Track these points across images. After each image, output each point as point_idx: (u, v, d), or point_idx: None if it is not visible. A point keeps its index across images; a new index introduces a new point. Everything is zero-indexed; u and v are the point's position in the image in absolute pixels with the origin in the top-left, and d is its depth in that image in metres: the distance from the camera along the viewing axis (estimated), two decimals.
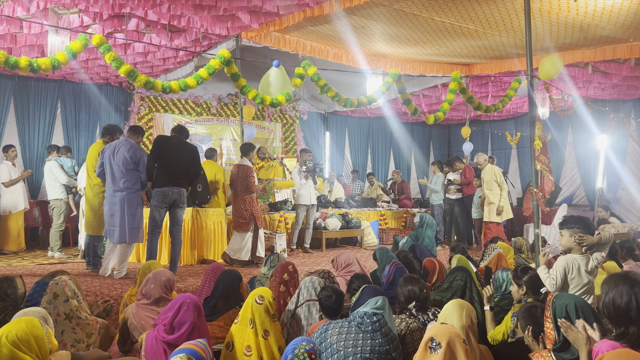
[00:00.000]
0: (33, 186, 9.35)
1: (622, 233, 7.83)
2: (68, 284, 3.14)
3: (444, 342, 2.18)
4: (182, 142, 5.86)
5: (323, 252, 8.17)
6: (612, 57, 7.74)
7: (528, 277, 3.48)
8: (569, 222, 3.54)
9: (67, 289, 3.10)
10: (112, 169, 5.42)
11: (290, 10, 6.20)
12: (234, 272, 3.81)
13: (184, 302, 2.90)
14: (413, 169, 14.93)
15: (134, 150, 5.41)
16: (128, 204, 5.39)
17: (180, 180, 5.69)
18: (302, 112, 12.65)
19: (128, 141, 5.50)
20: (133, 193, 5.44)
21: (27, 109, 9.45)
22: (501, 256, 5.54)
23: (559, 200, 11.61)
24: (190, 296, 2.97)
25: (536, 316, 2.86)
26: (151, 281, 3.54)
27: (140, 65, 8.60)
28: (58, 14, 6.22)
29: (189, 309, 2.85)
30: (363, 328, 2.67)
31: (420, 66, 9.08)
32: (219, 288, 3.69)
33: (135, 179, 5.47)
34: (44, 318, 2.51)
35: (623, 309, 2.17)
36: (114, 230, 5.41)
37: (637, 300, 2.14)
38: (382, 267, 4.75)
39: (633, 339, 2.12)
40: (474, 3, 6.12)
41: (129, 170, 5.39)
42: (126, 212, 5.38)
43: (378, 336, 2.64)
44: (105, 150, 5.53)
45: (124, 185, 5.38)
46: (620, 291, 2.20)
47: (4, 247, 7.72)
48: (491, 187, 8.24)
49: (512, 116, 13.59)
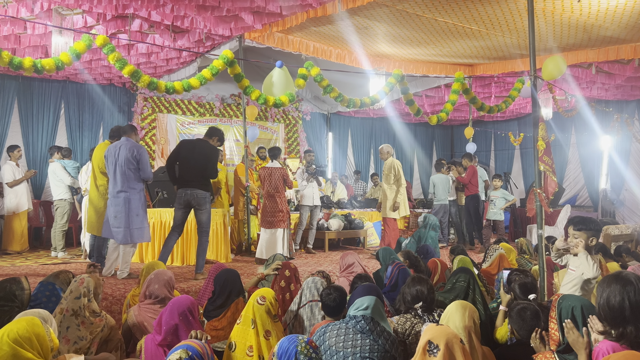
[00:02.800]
0: (36, 186, 9.38)
1: (625, 234, 7.81)
2: (85, 282, 3.17)
3: (442, 344, 2.18)
4: (201, 145, 5.83)
5: (326, 253, 8.17)
6: (615, 57, 7.71)
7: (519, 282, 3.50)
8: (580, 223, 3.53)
9: (82, 287, 3.13)
10: (115, 170, 5.44)
11: (293, 10, 6.20)
12: (231, 270, 3.83)
13: (171, 305, 2.94)
14: (416, 169, 14.92)
15: (135, 149, 5.43)
16: (131, 205, 5.40)
17: (191, 182, 5.69)
18: (305, 112, 12.66)
19: (129, 141, 5.52)
20: (136, 193, 5.45)
21: (30, 110, 9.48)
22: (503, 257, 5.53)
23: (563, 201, 11.59)
24: (181, 299, 3.01)
25: (527, 318, 2.86)
26: (154, 281, 3.56)
27: (144, 65, 8.62)
28: (62, 14, 6.24)
29: (174, 312, 2.89)
30: (359, 329, 2.67)
31: (423, 67, 9.08)
32: (218, 286, 3.70)
33: (138, 179, 5.48)
34: (44, 319, 2.53)
35: (617, 309, 2.17)
36: (118, 231, 5.41)
37: (630, 299, 2.14)
38: (385, 267, 4.75)
39: (631, 338, 2.12)
40: (477, 4, 6.11)
41: (131, 169, 5.41)
42: (130, 212, 5.39)
43: (374, 336, 2.65)
44: (108, 152, 5.55)
45: (126, 186, 5.40)
46: (613, 291, 2.21)
47: (7, 247, 7.75)
48: (389, 181, 7.89)
49: (516, 117, 13.57)
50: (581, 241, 3.35)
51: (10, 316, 2.96)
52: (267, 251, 6.99)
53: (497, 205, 9.19)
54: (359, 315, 2.73)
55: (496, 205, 9.19)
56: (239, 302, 3.57)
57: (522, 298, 3.44)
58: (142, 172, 5.49)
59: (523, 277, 3.56)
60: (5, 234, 7.84)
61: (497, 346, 3.17)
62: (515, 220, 11.62)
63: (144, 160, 5.49)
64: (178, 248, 6.73)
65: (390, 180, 7.88)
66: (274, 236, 7.11)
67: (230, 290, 3.64)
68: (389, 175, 7.89)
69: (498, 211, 9.17)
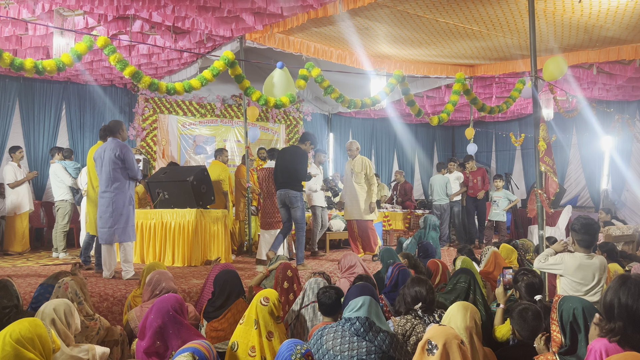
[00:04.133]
0: (38, 187, 9.39)
1: (626, 235, 7.79)
2: (70, 286, 3.15)
3: (440, 344, 2.18)
4: (292, 150, 6.70)
5: (327, 253, 8.17)
6: (616, 58, 7.71)
7: (526, 282, 3.49)
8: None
9: (68, 292, 3.11)
10: (101, 172, 5.48)
11: (294, 11, 6.20)
12: (231, 271, 3.83)
13: (156, 304, 2.92)
14: (417, 170, 14.91)
15: (118, 149, 5.41)
16: (116, 204, 5.41)
17: (284, 183, 6.51)
18: (305, 113, 12.66)
19: (114, 141, 5.50)
20: (121, 193, 5.45)
21: (32, 110, 9.50)
22: (497, 254, 5.50)
23: (564, 202, 11.57)
24: (165, 298, 2.98)
25: (528, 319, 2.86)
26: (162, 279, 3.61)
27: (145, 66, 8.63)
28: (63, 15, 6.25)
29: (159, 312, 2.86)
30: (354, 331, 2.67)
31: (424, 67, 9.07)
32: (217, 287, 3.70)
33: (125, 178, 5.48)
34: (70, 309, 2.64)
35: (608, 306, 2.21)
36: (102, 231, 5.44)
37: (619, 298, 2.17)
38: (386, 268, 4.75)
39: (620, 333, 2.15)
40: (478, 4, 6.11)
41: (117, 170, 5.41)
42: (114, 212, 5.41)
43: (370, 337, 2.64)
44: (96, 153, 5.59)
45: (111, 187, 5.41)
46: (611, 290, 2.25)
47: (9, 247, 7.76)
48: (360, 180, 7.32)
49: (517, 117, 13.56)
50: None
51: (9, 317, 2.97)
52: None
53: (499, 206, 9.18)
54: (354, 317, 2.72)
55: (499, 206, 9.18)
56: (239, 303, 3.58)
57: (527, 298, 3.43)
58: (129, 171, 5.50)
59: (530, 277, 3.53)
60: (7, 234, 7.85)
61: (497, 346, 3.17)
62: (517, 221, 11.61)
63: (129, 158, 5.48)
64: (179, 249, 6.73)
65: (362, 179, 7.34)
66: (273, 237, 7.09)
67: (230, 291, 3.64)
68: (360, 174, 7.34)
69: (500, 212, 9.16)
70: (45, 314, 2.63)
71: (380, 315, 2.86)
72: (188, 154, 11.04)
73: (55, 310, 2.66)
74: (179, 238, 6.75)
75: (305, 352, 2.31)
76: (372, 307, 2.80)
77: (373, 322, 2.72)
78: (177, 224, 6.77)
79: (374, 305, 2.84)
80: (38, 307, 3.15)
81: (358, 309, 2.76)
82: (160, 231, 6.89)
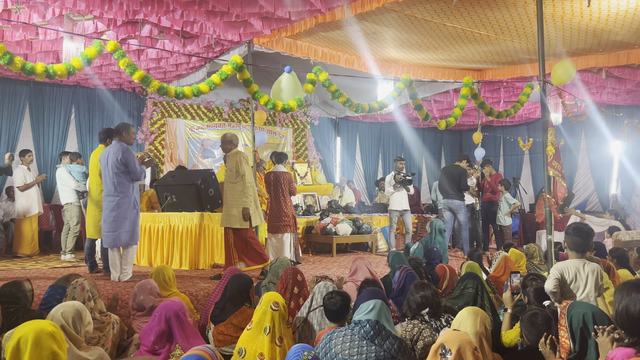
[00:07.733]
0: (47, 190, 9.47)
1: (636, 240, 7.72)
2: (85, 286, 3.20)
3: (454, 349, 2.17)
4: (453, 168, 8.42)
5: (334, 258, 8.15)
6: (626, 62, 7.67)
7: (535, 287, 3.47)
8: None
9: (84, 292, 3.17)
10: (105, 175, 5.50)
11: (301, 16, 6.22)
12: (244, 276, 3.83)
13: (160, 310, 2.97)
14: (424, 174, 14.87)
15: (120, 153, 5.42)
16: (120, 208, 5.43)
17: (450, 194, 8.20)
18: (313, 117, 12.68)
19: (117, 144, 5.51)
20: (126, 197, 5.47)
21: (42, 114, 9.58)
22: (507, 259, 5.47)
23: (572, 207, 11.48)
24: (169, 304, 3.03)
25: (538, 324, 2.84)
26: (139, 293, 3.68)
27: (154, 71, 8.68)
28: (73, 20, 6.30)
29: (162, 317, 2.91)
30: (363, 335, 2.66)
31: (432, 72, 9.06)
32: (227, 292, 3.71)
33: (127, 183, 5.50)
34: (80, 311, 2.65)
35: (636, 318, 2.14)
36: (108, 234, 5.46)
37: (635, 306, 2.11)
38: (394, 272, 4.74)
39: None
40: (485, 8, 6.11)
41: (120, 174, 5.42)
42: (118, 216, 5.42)
43: (379, 341, 2.64)
44: (101, 156, 5.61)
45: (115, 191, 5.43)
46: (633, 300, 2.18)
47: (18, 250, 7.82)
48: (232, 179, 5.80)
49: (525, 122, 13.50)
50: None
51: (17, 317, 3.01)
52: (275, 257, 6.98)
53: (502, 211, 9.18)
54: (364, 320, 2.72)
55: (501, 211, 9.17)
56: (245, 310, 3.57)
57: (536, 304, 3.40)
58: (132, 174, 5.52)
59: (540, 282, 3.51)
60: (16, 237, 7.91)
61: (505, 351, 3.15)
62: (525, 226, 11.54)
63: (131, 161, 5.49)
64: (186, 252, 6.75)
65: (234, 177, 5.85)
66: (280, 241, 7.11)
67: (240, 297, 3.65)
68: (232, 172, 5.85)
69: (502, 216, 9.13)
70: (56, 319, 2.65)
71: (390, 320, 2.85)
72: (196, 157, 11.08)
73: (63, 315, 2.67)
74: (186, 241, 6.77)
75: (313, 358, 2.30)
76: (382, 311, 2.80)
77: (383, 326, 2.71)
78: (185, 227, 6.79)
79: (385, 309, 2.83)
80: (47, 307, 3.19)
81: (369, 311, 2.76)
82: (168, 234, 6.92)
